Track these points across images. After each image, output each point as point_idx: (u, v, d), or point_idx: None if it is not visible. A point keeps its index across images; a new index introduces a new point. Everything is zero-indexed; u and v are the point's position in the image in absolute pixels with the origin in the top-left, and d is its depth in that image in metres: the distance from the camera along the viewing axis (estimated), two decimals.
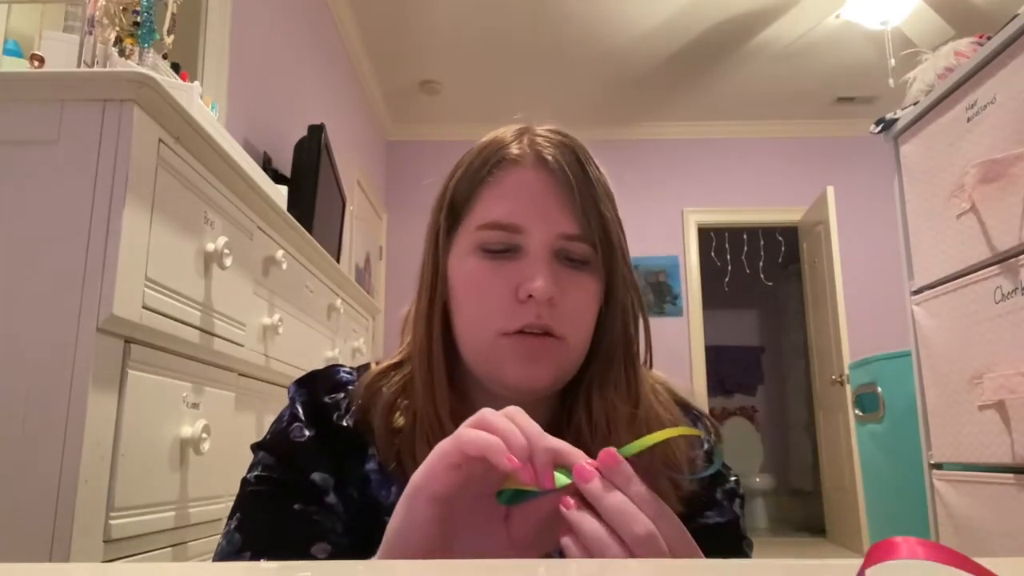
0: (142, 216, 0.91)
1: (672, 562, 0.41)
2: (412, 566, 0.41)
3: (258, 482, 0.59)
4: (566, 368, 0.60)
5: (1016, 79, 1.43)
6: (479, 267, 0.59)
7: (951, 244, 1.63)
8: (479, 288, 0.59)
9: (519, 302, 0.57)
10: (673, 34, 3.88)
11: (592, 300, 0.60)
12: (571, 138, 0.63)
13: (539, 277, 0.56)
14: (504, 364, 0.58)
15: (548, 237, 0.58)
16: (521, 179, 0.60)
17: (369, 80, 4.26)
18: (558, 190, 0.59)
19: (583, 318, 0.60)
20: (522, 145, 0.61)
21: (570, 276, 0.59)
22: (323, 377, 0.65)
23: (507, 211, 0.59)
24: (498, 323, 0.58)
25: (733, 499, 0.64)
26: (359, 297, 2.20)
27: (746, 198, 4.90)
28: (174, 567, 0.65)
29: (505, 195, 0.60)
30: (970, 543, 1.56)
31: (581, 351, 0.60)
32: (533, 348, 0.57)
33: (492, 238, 0.59)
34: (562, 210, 0.58)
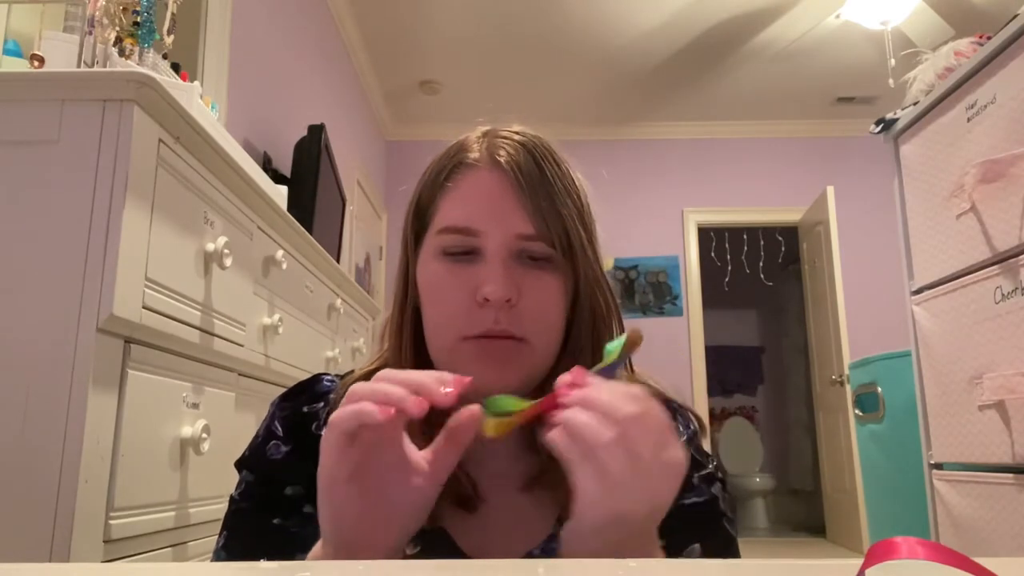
0: (142, 216, 0.91)
1: (676, 562, 0.41)
2: (412, 566, 0.41)
3: (241, 499, 0.62)
4: (533, 370, 0.59)
5: (1016, 79, 1.43)
6: (440, 271, 0.59)
7: (951, 244, 1.63)
8: (440, 293, 0.59)
9: (478, 306, 0.57)
10: (673, 34, 3.88)
11: (555, 299, 0.59)
12: (533, 136, 0.63)
13: (495, 280, 0.56)
14: (468, 368, 0.57)
15: (504, 239, 0.58)
16: (476, 182, 0.60)
17: (369, 80, 4.26)
18: (513, 191, 0.58)
19: (546, 318, 0.59)
20: (481, 147, 0.62)
21: (530, 276, 0.58)
22: (307, 389, 0.66)
23: (463, 215, 0.59)
24: (459, 328, 0.58)
25: (712, 482, 0.64)
26: (359, 297, 2.20)
27: (746, 198, 4.90)
28: (174, 567, 0.65)
29: (461, 199, 0.60)
30: (970, 543, 1.56)
31: (548, 352, 0.60)
32: (495, 352, 0.57)
33: (451, 242, 0.59)
34: (517, 210, 0.58)
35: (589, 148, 5.30)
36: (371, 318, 2.41)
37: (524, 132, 0.63)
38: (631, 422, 0.42)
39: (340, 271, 1.95)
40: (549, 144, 0.63)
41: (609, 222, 0.66)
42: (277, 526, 0.60)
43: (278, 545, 0.59)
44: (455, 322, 0.58)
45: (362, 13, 3.69)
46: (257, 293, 1.34)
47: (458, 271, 0.58)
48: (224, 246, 1.11)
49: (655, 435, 0.43)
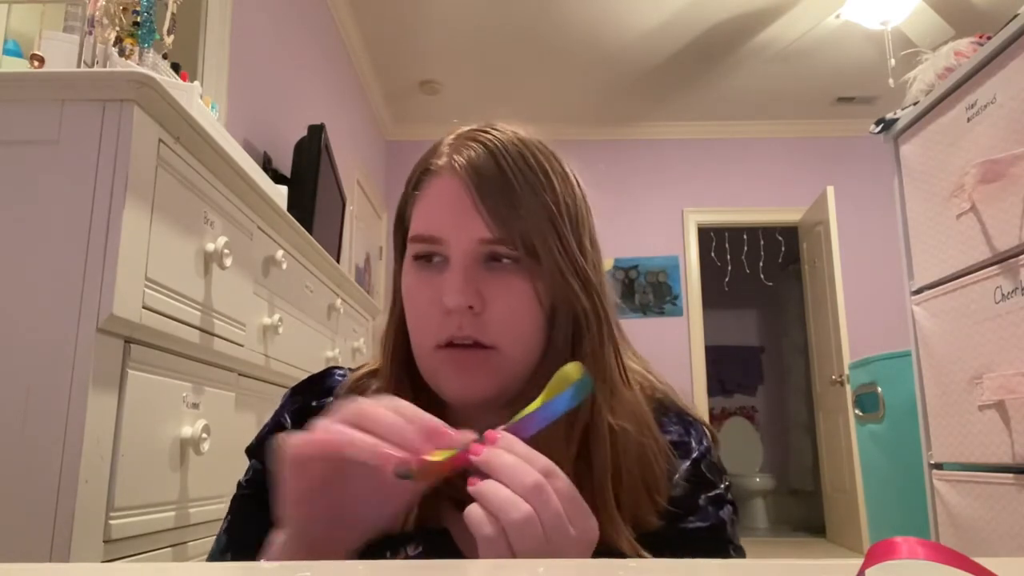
0: (142, 216, 0.91)
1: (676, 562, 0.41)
2: (411, 566, 0.41)
3: (247, 486, 0.64)
4: (506, 378, 0.58)
5: (1016, 79, 1.43)
6: (413, 279, 0.59)
7: (951, 244, 1.63)
8: (413, 301, 0.59)
9: (444, 314, 0.56)
10: (673, 34, 3.88)
11: (525, 303, 0.57)
12: (506, 137, 0.60)
13: (452, 288, 0.55)
14: (439, 377, 0.58)
15: (467, 244, 0.57)
16: (438, 188, 0.59)
17: (369, 80, 4.26)
18: (469, 194, 0.57)
19: (515, 323, 0.57)
20: (446, 152, 0.61)
21: (497, 280, 0.57)
22: (318, 383, 0.67)
23: (426, 223, 0.59)
24: (431, 336, 0.57)
25: (720, 505, 0.61)
26: (359, 297, 2.20)
27: (746, 198, 4.90)
28: (174, 567, 0.65)
29: (426, 206, 0.59)
30: (970, 543, 1.56)
31: (523, 359, 0.58)
32: (464, 360, 0.56)
33: (419, 250, 0.59)
34: (475, 215, 0.57)
35: (589, 148, 5.30)
36: (371, 318, 2.41)
37: (497, 131, 0.61)
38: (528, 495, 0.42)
39: (340, 271, 1.95)
40: (525, 140, 0.61)
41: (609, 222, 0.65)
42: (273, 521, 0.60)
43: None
44: (427, 330, 0.58)
45: (362, 13, 3.69)
46: (257, 293, 1.34)
47: (427, 279, 0.58)
48: (224, 246, 1.11)
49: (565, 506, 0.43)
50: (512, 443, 0.45)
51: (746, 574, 0.38)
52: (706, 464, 0.62)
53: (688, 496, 0.60)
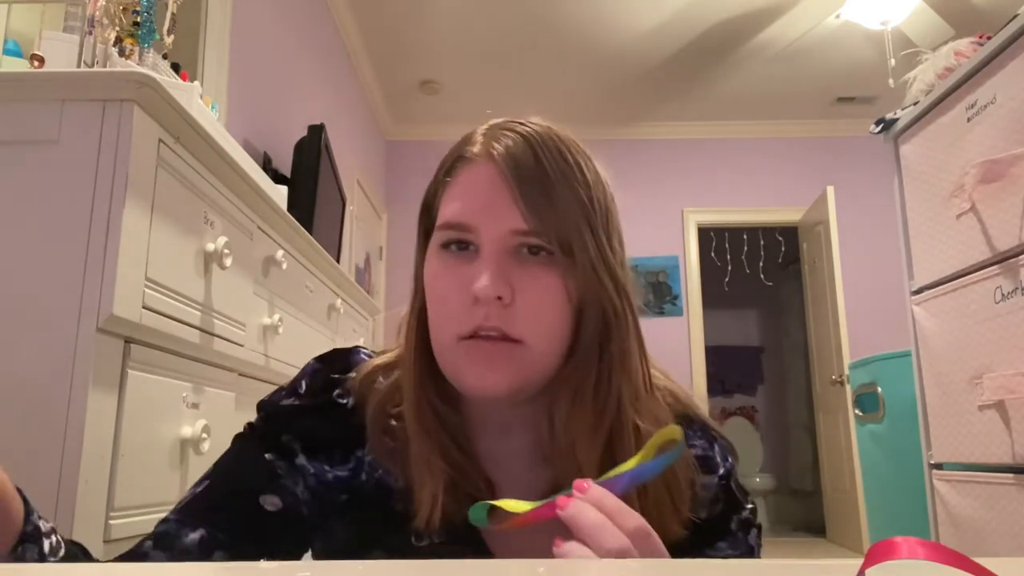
0: (142, 216, 0.91)
1: (672, 562, 0.41)
2: (411, 566, 0.41)
3: (245, 428, 0.64)
4: (530, 373, 0.56)
5: (1016, 79, 1.43)
6: (439, 266, 0.58)
7: (951, 244, 1.63)
8: (438, 290, 0.58)
9: (473, 304, 0.55)
10: (673, 34, 3.88)
11: (554, 298, 0.56)
12: (542, 129, 0.59)
13: (483, 277, 0.54)
14: (461, 369, 0.56)
15: (499, 234, 0.55)
16: (472, 176, 0.58)
17: (369, 80, 4.26)
18: (507, 184, 0.56)
19: (544, 317, 0.55)
20: (482, 141, 0.59)
21: (527, 273, 0.55)
22: (341, 358, 0.66)
23: (458, 210, 0.57)
24: (454, 326, 0.56)
25: (748, 530, 0.61)
26: (359, 297, 2.20)
27: (746, 198, 4.90)
28: (174, 567, 0.65)
29: (458, 193, 0.58)
30: (970, 543, 1.56)
31: (548, 354, 0.56)
32: (488, 352, 0.55)
33: (448, 238, 0.57)
34: (512, 205, 0.55)
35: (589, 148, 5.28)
36: (371, 318, 2.41)
37: (532, 123, 0.60)
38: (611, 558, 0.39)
39: (340, 271, 1.95)
40: (560, 135, 0.60)
41: None
42: (266, 461, 0.60)
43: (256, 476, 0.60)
44: (451, 320, 0.56)
45: (362, 13, 3.69)
46: (257, 293, 1.34)
47: (455, 268, 0.57)
48: (224, 246, 1.11)
49: None
50: (602, 498, 0.42)
51: (746, 574, 0.38)
52: (735, 483, 0.62)
53: (718, 517, 0.60)
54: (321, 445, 0.61)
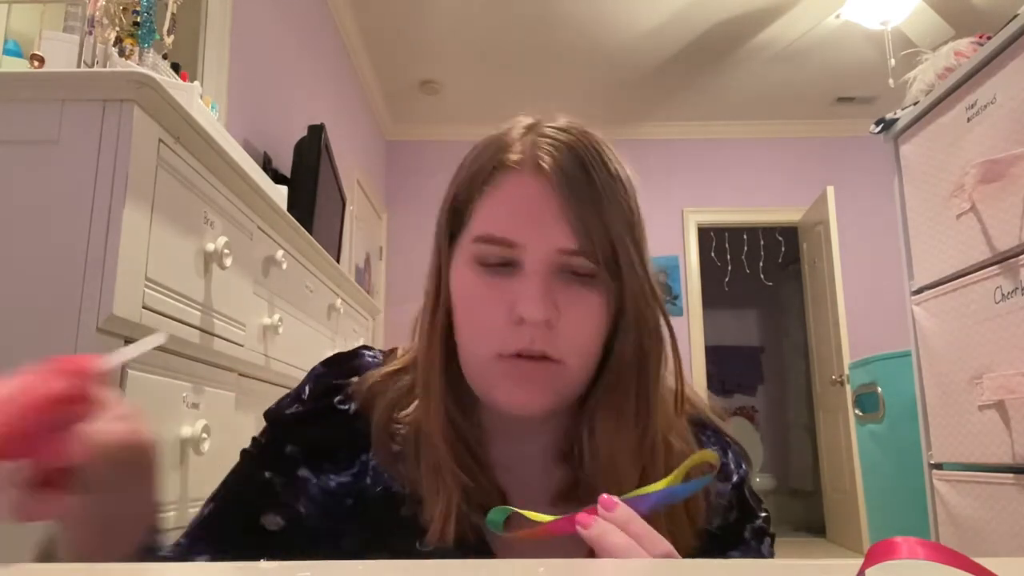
0: (142, 216, 0.91)
1: (672, 562, 0.41)
2: (411, 566, 0.41)
3: (251, 444, 0.63)
4: (564, 391, 0.55)
5: (1016, 79, 1.43)
6: (475, 282, 0.55)
7: (951, 244, 1.63)
8: (475, 306, 0.55)
9: (514, 323, 0.53)
10: (673, 34, 3.88)
11: (597, 318, 0.55)
12: (582, 135, 0.57)
13: (532, 300, 0.52)
14: (496, 386, 0.55)
15: (545, 253, 0.53)
16: (517, 188, 0.55)
17: (369, 80, 4.26)
18: (556, 200, 0.53)
19: (585, 338, 0.54)
20: (524, 147, 0.56)
21: (572, 293, 0.54)
22: (345, 362, 0.65)
23: (502, 224, 0.54)
24: (493, 344, 0.54)
25: (762, 538, 0.60)
26: (359, 297, 2.20)
27: (746, 198, 4.90)
28: (174, 567, 0.65)
29: (501, 206, 0.55)
30: (970, 543, 1.56)
31: (583, 372, 0.56)
32: (527, 372, 0.53)
33: (488, 252, 0.55)
34: (560, 222, 0.53)
35: None
36: (371, 318, 2.41)
37: (571, 128, 0.57)
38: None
39: (340, 271, 1.95)
40: (599, 142, 0.57)
41: None
42: (266, 479, 0.60)
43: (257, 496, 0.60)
44: (489, 338, 0.54)
45: (362, 13, 3.69)
46: (257, 293, 1.34)
47: (494, 284, 0.54)
48: (224, 246, 1.11)
49: None
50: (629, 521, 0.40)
51: (746, 574, 0.38)
52: (748, 490, 0.62)
53: (732, 525, 0.60)
54: (324, 452, 0.61)
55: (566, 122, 0.58)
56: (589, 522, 0.40)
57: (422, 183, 4.84)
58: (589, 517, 0.41)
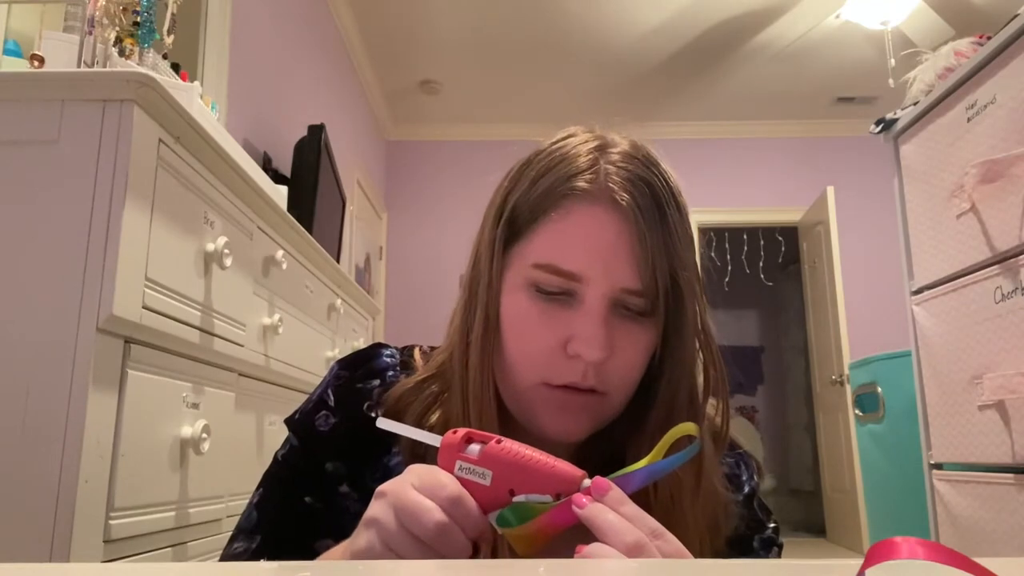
0: (142, 216, 0.91)
1: (672, 562, 0.41)
2: (411, 566, 0.41)
3: (283, 462, 0.62)
4: (603, 420, 0.56)
5: (1016, 79, 1.43)
6: (530, 307, 0.54)
7: (951, 244, 1.63)
8: (526, 331, 0.54)
9: (566, 356, 0.53)
10: (673, 34, 3.88)
11: (645, 355, 0.55)
12: (653, 166, 0.56)
13: (593, 340, 0.51)
14: (539, 413, 0.55)
15: (608, 290, 0.52)
16: (588, 220, 0.53)
17: (369, 80, 4.26)
18: (627, 238, 0.52)
19: (632, 374, 0.55)
20: (595, 175, 0.54)
21: (625, 330, 0.53)
22: (364, 361, 0.64)
23: (568, 256, 0.53)
24: (541, 372, 0.54)
25: (771, 548, 0.61)
26: (359, 297, 2.20)
27: (746, 198, 4.90)
28: (174, 567, 0.65)
29: (568, 236, 0.53)
30: (970, 543, 1.56)
31: (623, 403, 0.56)
32: (576, 405, 0.54)
33: (547, 280, 0.53)
34: (628, 262, 0.52)
35: None
36: (371, 318, 2.41)
37: (641, 156, 0.56)
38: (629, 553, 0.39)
39: (340, 271, 1.95)
40: (667, 174, 0.56)
41: None
42: (307, 504, 0.59)
43: (304, 525, 0.59)
44: (537, 365, 0.54)
45: (362, 13, 3.69)
46: (257, 293, 1.34)
47: (550, 312, 0.53)
48: (224, 246, 1.11)
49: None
50: (620, 500, 0.42)
51: (746, 574, 0.38)
52: (757, 502, 0.62)
53: (742, 535, 0.60)
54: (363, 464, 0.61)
55: (630, 145, 0.57)
56: (584, 503, 0.42)
57: (422, 183, 4.84)
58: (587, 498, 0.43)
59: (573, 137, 0.59)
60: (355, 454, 0.60)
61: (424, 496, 0.42)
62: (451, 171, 4.83)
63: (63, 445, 0.81)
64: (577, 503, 0.42)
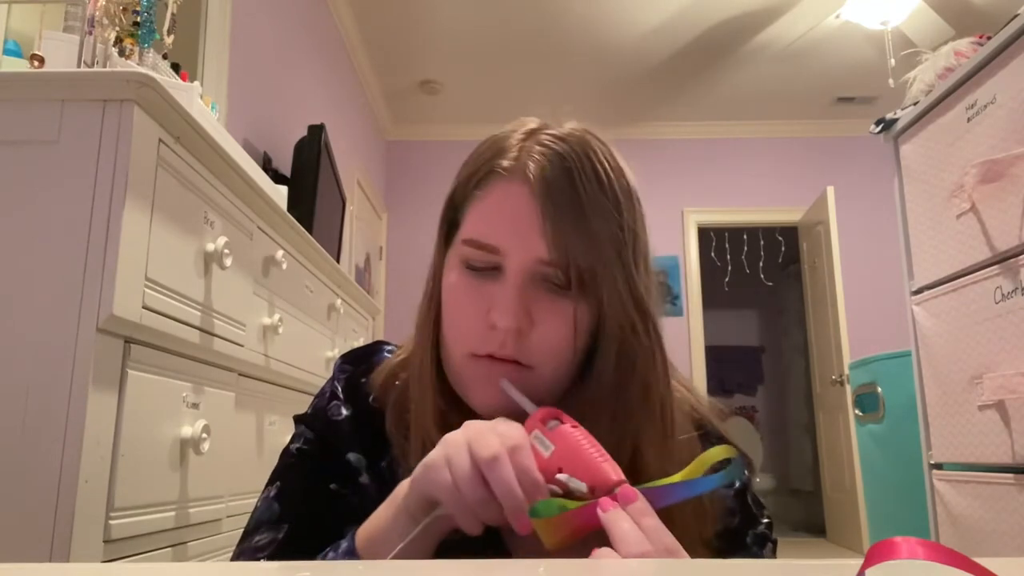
0: (142, 216, 0.91)
1: (672, 562, 0.41)
2: (411, 566, 0.41)
3: (298, 455, 0.62)
4: (537, 395, 0.55)
5: (1016, 79, 1.43)
6: (459, 283, 0.57)
7: (951, 244, 1.63)
8: (456, 306, 0.57)
9: (488, 327, 0.55)
10: (673, 34, 3.88)
11: (569, 328, 0.55)
12: (579, 143, 0.56)
13: (504, 308, 0.53)
14: (468, 384, 0.57)
15: (524, 262, 0.54)
16: (505, 195, 0.56)
17: (369, 80, 4.26)
18: (539, 210, 0.54)
19: (556, 347, 0.55)
20: (519, 154, 0.56)
21: (546, 302, 0.55)
22: (366, 357, 0.66)
23: (486, 230, 0.55)
24: (469, 344, 0.56)
25: (764, 544, 0.61)
26: (359, 297, 2.20)
27: (746, 198, 4.90)
28: (174, 567, 0.65)
29: (488, 211, 0.56)
30: (970, 543, 1.56)
31: (557, 377, 0.57)
32: (495, 372, 0.55)
33: (473, 256, 0.56)
34: (541, 233, 0.54)
35: None
36: (371, 318, 2.41)
37: (570, 136, 0.57)
38: None
39: (340, 271, 1.95)
40: (595, 151, 0.57)
41: None
42: (334, 491, 0.60)
43: (332, 509, 0.60)
44: (465, 338, 0.56)
45: (362, 13, 3.69)
46: (257, 293, 1.34)
47: (476, 287, 0.56)
48: (224, 246, 1.11)
49: None
50: (643, 512, 0.43)
51: (746, 574, 0.38)
52: (750, 496, 0.62)
53: (734, 531, 0.60)
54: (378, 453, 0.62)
55: (569, 128, 0.58)
56: (608, 507, 0.44)
57: (422, 183, 4.84)
58: (611, 503, 0.44)
59: (517, 124, 0.61)
60: (368, 445, 0.62)
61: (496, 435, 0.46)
62: (451, 171, 4.77)
63: (63, 445, 0.81)
64: (602, 507, 0.43)
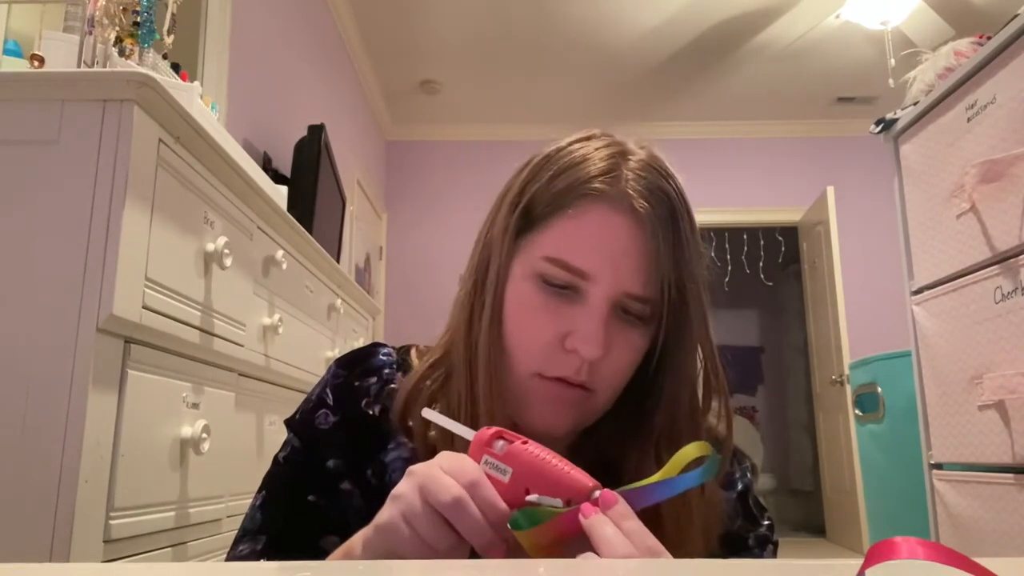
0: (142, 216, 0.91)
1: (671, 562, 0.41)
2: (411, 566, 0.41)
3: (285, 464, 0.62)
4: (587, 418, 0.57)
5: (1016, 79, 1.43)
6: (534, 298, 0.55)
7: (951, 244, 1.63)
8: (528, 321, 0.56)
9: (564, 350, 0.54)
10: (673, 34, 3.88)
11: (637, 357, 0.56)
12: (669, 180, 0.57)
13: (592, 338, 0.53)
14: (530, 404, 0.56)
15: (613, 292, 0.54)
16: (604, 222, 0.54)
17: (369, 80, 4.26)
18: (639, 245, 0.54)
19: (622, 375, 0.56)
20: (615, 180, 0.55)
21: (621, 333, 0.55)
22: (361, 360, 0.65)
23: (579, 254, 0.54)
24: (537, 363, 0.55)
25: (765, 546, 0.61)
26: (359, 297, 2.20)
27: (746, 198, 4.90)
28: (174, 567, 0.65)
29: (582, 234, 0.55)
30: (970, 543, 1.56)
31: (607, 404, 0.58)
32: (566, 398, 0.55)
33: (555, 274, 0.55)
34: (637, 268, 0.54)
35: None
36: (371, 318, 2.41)
37: (657, 166, 0.57)
38: None
39: (340, 271, 1.95)
40: (680, 186, 0.57)
41: None
42: (311, 503, 0.60)
43: (309, 523, 0.59)
44: (535, 356, 0.55)
45: (362, 13, 3.69)
46: (257, 293, 1.34)
47: (553, 306, 0.55)
48: (224, 246, 1.11)
49: None
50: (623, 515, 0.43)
51: (746, 574, 0.38)
52: (752, 499, 0.63)
53: (736, 532, 0.60)
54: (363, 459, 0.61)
55: (648, 155, 0.58)
56: (590, 512, 0.43)
57: (422, 183, 4.84)
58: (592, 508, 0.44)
59: (594, 139, 0.60)
60: (354, 450, 0.61)
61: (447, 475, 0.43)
62: (451, 171, 4.83)
63: (63, 445, 0.81)
64: (583, 512, 0.43)
